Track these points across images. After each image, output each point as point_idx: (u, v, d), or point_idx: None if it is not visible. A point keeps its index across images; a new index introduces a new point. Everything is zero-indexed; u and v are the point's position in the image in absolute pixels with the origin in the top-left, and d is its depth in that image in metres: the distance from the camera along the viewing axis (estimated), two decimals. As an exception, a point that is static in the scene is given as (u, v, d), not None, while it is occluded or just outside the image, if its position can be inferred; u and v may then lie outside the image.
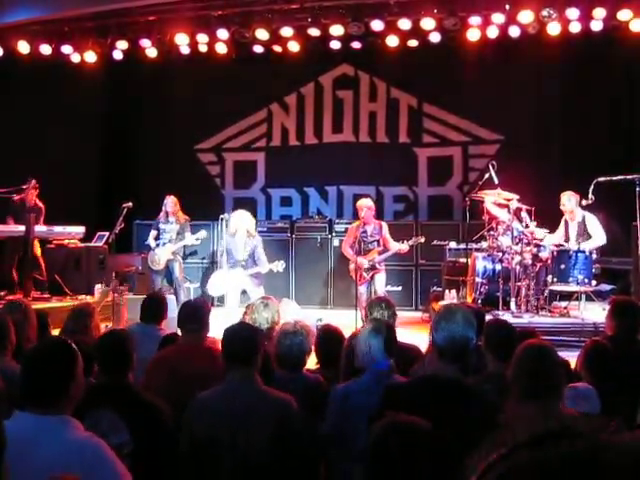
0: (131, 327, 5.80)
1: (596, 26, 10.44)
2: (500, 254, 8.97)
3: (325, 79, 13.48)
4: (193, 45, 11.65)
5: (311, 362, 4.68)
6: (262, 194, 13.79)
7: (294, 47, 11.72)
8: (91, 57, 11.85)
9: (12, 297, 9.27)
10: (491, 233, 9.24)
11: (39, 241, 10.66)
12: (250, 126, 13.73)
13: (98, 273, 10.45)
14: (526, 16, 10.27)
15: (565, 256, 8.53)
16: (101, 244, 11.02)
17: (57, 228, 10.70)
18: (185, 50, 11.78)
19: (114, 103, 13.61)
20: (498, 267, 9.04)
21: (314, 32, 11.29)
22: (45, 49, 11.54)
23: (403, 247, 9.54)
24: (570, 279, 8.43)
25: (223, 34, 11.28)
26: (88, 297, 10.13)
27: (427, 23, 10.75)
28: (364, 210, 9.49)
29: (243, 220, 9.63)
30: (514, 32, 10.67)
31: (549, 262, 8.72)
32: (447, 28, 10.83)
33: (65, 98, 12.38)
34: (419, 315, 10.96)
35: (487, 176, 9.33)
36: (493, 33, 10.76)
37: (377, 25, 10.92)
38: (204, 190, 13.44)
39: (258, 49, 11.95)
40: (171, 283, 10.84)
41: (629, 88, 11.66)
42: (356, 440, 3.48)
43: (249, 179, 13.84)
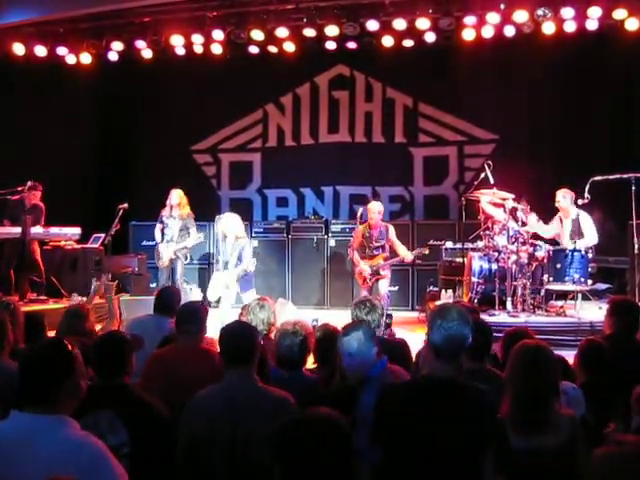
0: (143, 318, 5.78)
1: (591, 25, 10.47)
2: (496, 254, 8.99)
3: (321, 79, 13.47)
4: (188, 46, 11.65)
5: (309, 362, 4.68)
6: (258, 195, 13.78)
7: (289, 47, 11.73)
8: (86, 58, 11.87)
9: (8, 298, 9.23)
10: (487, 233, 9.26)
11: (38, 243, 10.63)
12: (246, 127, 13.72)
13: (94, 274, 10.42)
14: (521, 16, 10.30)
15: (561, 255, 8.54)
16: (97, 245, 10.99)
17: (53, 230, 10.66)
18: (180, 51, 11.78)
19: (109, 104, 13.56)
20: (494, 266, 9.05)
21: (309, 32, 11.29)
22: (40, 50, 11.54)
23: (408, 257, 9.53)
24: (566, 278, 8.45)
25: (218, 35, 11.29)
26: (78, 297, 10.11)
27: (422, 23, 10.78)
28: (375, 214, 9.45)
29: (229, 225, 9.45)
30: (509, 32, 10.70)
31: (545, 261, 8.73)
32: (442, 28, 10.87)
33: (60, 99, 12.38)
34: (415, 315, 10.96)
35: (483, 176, 9.34)
36: (488, 33, 10.79)
37: (372, 25, 10.94)
38: (200, 191, 13.35)
39: (253, 50, 11.94)
40: (173, 283, 10.79)
41: (624, 87, 11.67)
42: None
43: (245, 180, 13.84)
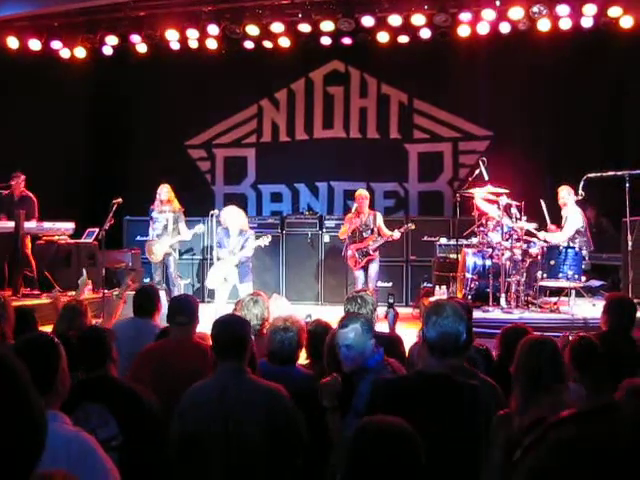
0: (123, 321, 5.75)
1: (586, 23, 10.47)
2: (490, 250, 8.99)
3: (316, 75, 13.47)
4: (183, 41, 11.63)
5: (301, 357, 4.67)
6: (252, 190, 13.78)
7: (285, 43, 11.72)
8: (81, 52, 11.83)
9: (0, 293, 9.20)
10: (481, 229, 9.26)
11: (31, 238, 10.59)
12: (240, 122, 13.72)
13: (88, 269, 10.39)
14: (516, 12, 10.31)
15: (555, 252, 8.55)
16: (91, 240, 10.96)
17: (47, 224, 10.61)
18: (175, 46, 11.75)
19: (104, 99, 13.54)
20: (488, 263, 9.06)
21: (305, 28, 11.29)
22: (34, 44, 11.50)
23: (395, 235, 9.86)
24: (560, 275, 8.45)
25: (213, 30, 11.26)
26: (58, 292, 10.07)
27: (418, 19, 10.78)
28: (362, 199, 10.05)
29: (234, 218, 9.52)
30: (504, 28, 10.71)
31: (539, 258, 8.75)
32: (438, 24, 10.86)
33: (53, 94, 12.31)
34: (409, 311, 10.96)
35: (477, 172, 9.37)
36: (484, 29, 10.79)
37: (368, 21, 10.94)
38: (194, 186, 13.39)
39: (249, 45, 11.92)
40: (166, 279, 10.77)
41: (619, 85, 11.69)
42: None
43: (239, 175, 13.83)
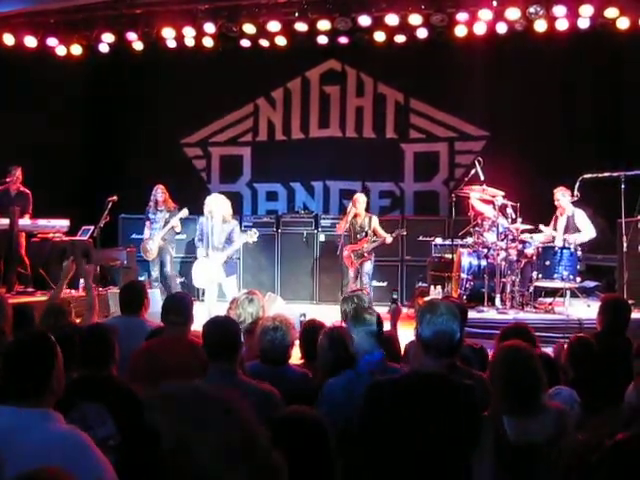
0: (111, 320, 5.73)
1: (583, 24, 10.47)
2: (485, 250, 9.01)
3: (312, 74, 13.45)
4: (180, 39, 11.58)
5: (295, 357, 4.67)
6: (248, 189, 13.77)
7: (281, 42, 11.69)
8: (77, 50, 11.78)
9: (-4, 291, 9.18)
10: (477, 229, 9.27)
11: (26, 235, 10.56)
12: (236, 120, 13.70)
13: (83, 267, 10.35)
14: (513, 13, 10.30)
15: (550, 252, 8.56)
16: (86, 238, 10.91)
17: (41, 222, 10.58)
18: (172, 44, 11.70)
19: (100, 97, 13.52)
20: (483, 263, 9.08)
21: (301, 27, 11.26)
22: (30, 41, 11.45)
23: (387, 239, 10.05)
24: (555, 275, 8.47)
25: (210, 28, 11.23)
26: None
27: (414, 19, 10.76)
28: (361, 204, 10.38)
29: (217, 204, 9.36)
30: (501, 29, 10.68)
31: (534, 258, 8.76)
32: (434, 24, 10.84)
33: (49, 91, 12.27)
34: (404, 311, 10.94)
35: (473, 172, 9.37)
36: (480, 30, 10.77)
37: (364, 20, 10.91)
38: (190, 184, 13.34)
39: (245, 43, 11.88)
40: (162, 276, 10.76)
41: (615, 86, 11.70)
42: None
43: (235, 174, 13.81)
